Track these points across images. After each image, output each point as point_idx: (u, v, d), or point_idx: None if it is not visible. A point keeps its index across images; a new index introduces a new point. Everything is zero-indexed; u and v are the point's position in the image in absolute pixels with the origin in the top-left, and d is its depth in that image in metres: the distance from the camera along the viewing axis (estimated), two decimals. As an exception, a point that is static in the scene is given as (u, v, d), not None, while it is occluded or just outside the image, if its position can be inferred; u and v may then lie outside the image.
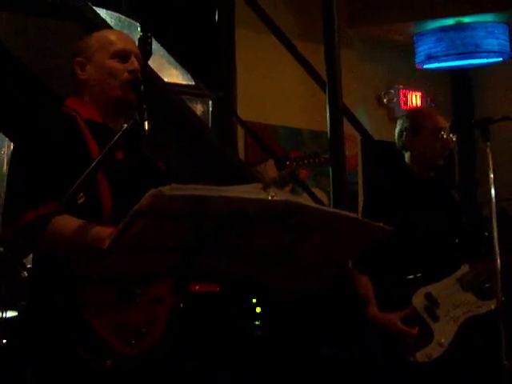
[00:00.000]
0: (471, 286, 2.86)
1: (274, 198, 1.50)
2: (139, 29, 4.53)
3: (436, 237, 2.89)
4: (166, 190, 1.39)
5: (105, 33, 2.20)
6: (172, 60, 4.95)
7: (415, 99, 6.75)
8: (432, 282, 2.82)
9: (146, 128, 1.87)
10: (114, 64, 2.09)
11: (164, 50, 4.81)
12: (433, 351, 2.75)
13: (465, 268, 2.88)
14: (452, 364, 2.76)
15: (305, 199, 1.75)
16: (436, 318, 2.79)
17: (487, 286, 2.85)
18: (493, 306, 2.72)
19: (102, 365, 1.84)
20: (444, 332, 2.77)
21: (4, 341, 3.12)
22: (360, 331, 3.04)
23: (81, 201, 1.82)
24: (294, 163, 2.96)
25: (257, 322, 3.66)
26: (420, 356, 2.74)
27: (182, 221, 1.45)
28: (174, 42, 4.82)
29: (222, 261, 1.61)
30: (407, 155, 3.01)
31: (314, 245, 1.72)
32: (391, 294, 2.84)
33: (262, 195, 1.50)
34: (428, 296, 2.81)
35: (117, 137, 1.82)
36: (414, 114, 3.17)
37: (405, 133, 3.00)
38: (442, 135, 2.94)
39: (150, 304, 1.93)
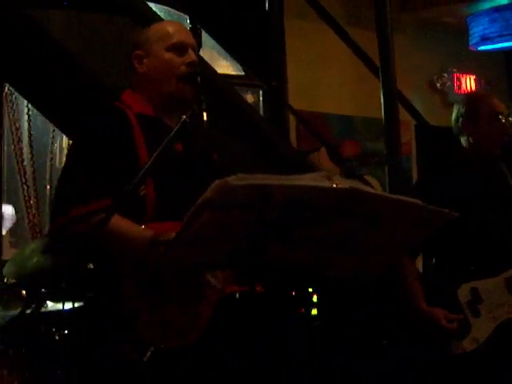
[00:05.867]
0: None
1: (339, 186, 1.49)
2: (188, 21, 4.55)
3: (490, 230, 2.83)
4: (231, 180, 1.38)
5: (162, 25, 2.20)
6: (222, 51, 4.95)
7: (469, 83, 6.60)
8: (481, 278, 2.78)
9: (205, 119, 1.87)
10: (171, 57, 2.08)
11: (213, 41, 4.82)
12: (467, 345, 2.74)
13: None
14: (483, 360, 2.74)
15: (369, 187, 1.72)
16: (477, 314, 2.77)
17: None
18: None
19: (141, 356, 1.85)
20: (482, 328, 2.75)
21: (65, 331, 3.18)
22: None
23: (142, 192, 1.83)
24: (354, 163, 2.94)
25: (314, 312, 3.64)
26: (455, 347, 2.74)
27: (247, 210, 1.45)
28: (223, 32, 4.82)
29: (287, 250, 1.60)
30: (464, 141, 2.94)
31: (378, 232, 1.70)
32: (438, 285, 2.83)
33: (327, 183, 1.49)
34: (473, 291, 2.77)
35: (176, 128, 1.83)
36: (470, 98, 3.09)
37: (461, 118, 2.93)
38: (500, 119, 2.86)
39: (191, 300, 1.92)
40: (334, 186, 1.49)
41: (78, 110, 3.18)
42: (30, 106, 4.95)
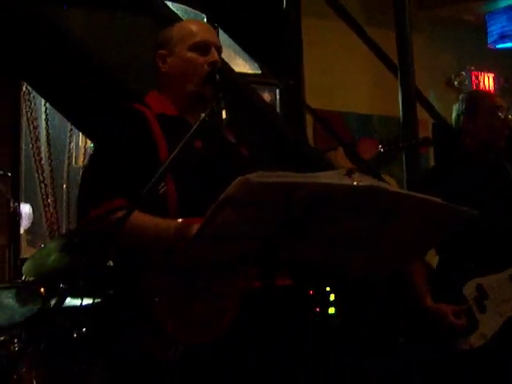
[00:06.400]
0: None
1: (359, 184, 1.48)
2: (205, 20, 4.55)
3: (493, 226, 2.82)
4: (253, 177, 1.38)
5: (185, 24, 2.19)
6: (238, 49, 4.96)
7: (488, 81, 6.55)
8: (485, 274, 2.78)
9: (224, 117, 1.87)
10: (194, 56, 2.08)
11: (230, 40, 4.82)
12: (475, 341, 2.74)
13: None
14: (490, 356, 2.74)
15: (388, 184, 1.71)
16: (483, 310, 2.78)
17: None
18: None
19: (166, 354, 1.85)
20: (489, 324, 2.76)
21: (84, 329, 3.20)
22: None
23: (162, 191, 1.83)
24: (387, 147, 2.93)
25: (331, 310, 3.64)
26: (462, 344, 2.74)
27: (268, 208, 1.44)
28: (240, 31, 4.82)
29: (307, 248, 1.60)
30: (466, 139, 2.94)
31: (397, 230, 1.69)
32: (444, 282, 2.84)
33: (347, 181, 1.48)
34: (479, 287, 2.78)
35: (195, 127, 1.83)
36: (469, 96, 3.08)
37: (461, 116, 2.93)
38: (499, 115, 2.85)
39: (218, 296, 1.92)
40: (355, 183, 1.48)
41: (95, 108, 3.20)
42: (47, 105, 4.99)
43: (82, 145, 5.22)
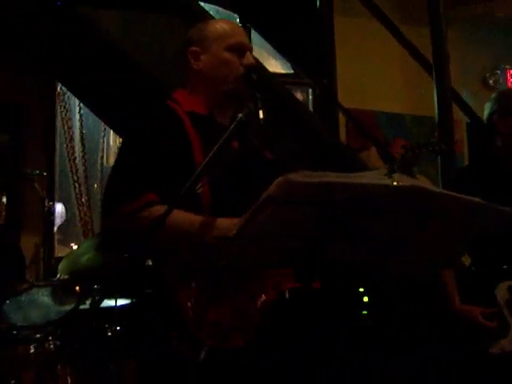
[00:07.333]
0: None
1: (400, 184, 1.47)
2: (238, 20, 4.55)
3: None
4: (294, 177, 1.37)
5: (220, 23, 2.18)
6: (271, 49, 4.95)
7: (523, 80, 6.47)
8: None
9: (261, 117, 1.86)
10: (230, 57, 2.08)
11: (262, 40, 4.81)
12: (507, 345, 2.70)
13: None
14: None
15: (427, 184, 1.70)
16: None
17: None
18: None
19: (195, 356, 1.85)
20: None
21: (118, 328, 3.22)
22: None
23: (200, 190, 1.83)
24: (410, 152, 2.90)
25: (364, 312, 3.62)
26: (494, 348, 2.70)
27: (308, 208, 1.44)
28: (272, 31, 4.81)
29: (346, 248, 1.59)
30: (499, 138, 2.90)
31: (436, 230, 1.68)
32: (475, 283, 2.81)
33: (387, 181, 1.47)
34: (511, 290, 2.74)
35: (232, 126, 1.83)
36: (502, 94, 3.05)
37: (494, 115, 2.90)
38: None
39: (244, 300, 1.90)
40: (395, 183, 1.47)
41: (128, 108, 3.22)
42: (81, 105, 5.04)
43: (112, 144, 5.27)
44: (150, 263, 2.03)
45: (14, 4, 3.19)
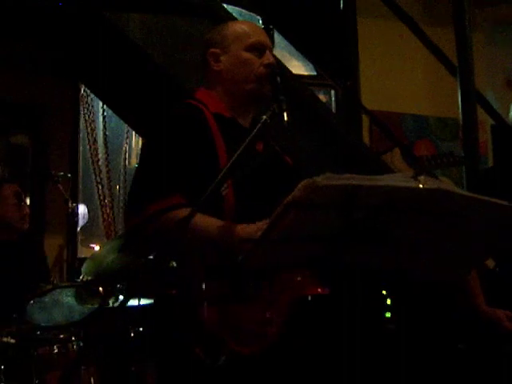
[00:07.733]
0: None
1: (426, 186, 1.45)
2: (260, 21, 4.55)
3: None
4: (319, 180, 1.36)
5: (239, 24, 2.18)
6: (293, 51, 4.94)
7: (549, 81, 6.39)
8: None
9: (286, 119, 1.85)
10: (250, 57, 2.07)
11: (285, 42, 4.80)
12: None
13: None
14: None
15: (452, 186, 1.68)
16: None
17: None
18: None
19: (215, 361, 1.84)
20: None
21: (140, 328, 3.23)
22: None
23: (225, 192, 1.82)
24: (428, 163, 2.88)
25: (387, 314, 3.59)
26: None
27: (333, 210, 1.43)
28: (295, 32, 4.80)
29: (371, 251, 1.58)
30: None
31: (463, 233, 1.66)
32: (500, 285, 2.79)
33: (413, 183, 1.46)
34: None
35: (257, 128, 1.81)
36: None
37: None
38: None
39: (266, 305, 1.88)
40: (421, 186, 1.45)
41: (152, 110, 3.22)
42: (105, 107, 5.07)
43: (135, 146, 5.29)
44: (174, 264, 2.03)
45: (40, 7, 3.22)
